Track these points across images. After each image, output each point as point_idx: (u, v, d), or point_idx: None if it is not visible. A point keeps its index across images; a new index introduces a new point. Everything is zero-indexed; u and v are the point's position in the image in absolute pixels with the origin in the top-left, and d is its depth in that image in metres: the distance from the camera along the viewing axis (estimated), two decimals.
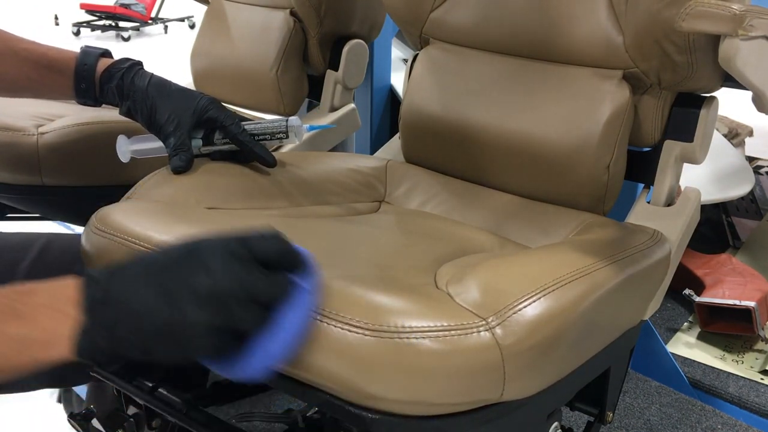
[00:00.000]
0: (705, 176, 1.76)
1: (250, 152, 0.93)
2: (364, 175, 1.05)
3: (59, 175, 1.21)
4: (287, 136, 0.95)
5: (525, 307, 0.63)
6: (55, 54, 0.95)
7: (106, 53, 0.95)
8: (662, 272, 0.88)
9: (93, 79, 0.93)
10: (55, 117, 1.28)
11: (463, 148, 1.04)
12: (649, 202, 0.97)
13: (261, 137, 0.95)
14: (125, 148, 0.96)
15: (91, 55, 0.94)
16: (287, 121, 0.94)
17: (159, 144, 0.93)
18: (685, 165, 0.97)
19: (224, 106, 0.93)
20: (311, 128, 1.01)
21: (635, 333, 0.89)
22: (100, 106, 0.96)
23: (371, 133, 1.79)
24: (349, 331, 0.59)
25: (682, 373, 1.45)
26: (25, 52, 0.94)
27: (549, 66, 0.98)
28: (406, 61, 1.19)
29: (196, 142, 0.93)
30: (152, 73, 0.93)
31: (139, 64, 0.94)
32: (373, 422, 0.61)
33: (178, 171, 0.89)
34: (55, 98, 1.00)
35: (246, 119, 0.97)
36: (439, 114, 1.06)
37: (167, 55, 6.44)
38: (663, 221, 0.93)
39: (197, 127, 0.92)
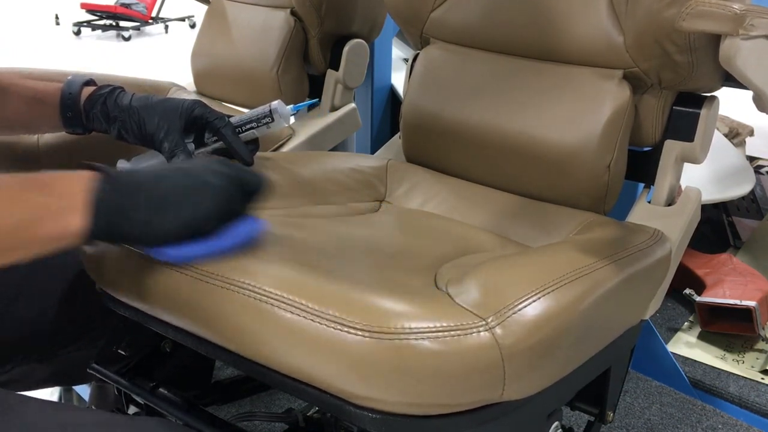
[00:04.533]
0: (705, 176, 1.76)
1: (231, 149, 0.93)
2: (364, 174, 1.05)
3: None
4: (273, 120, 0.95)
5: (525, 306, 0.63)
6: (42, 87, 0.96)
7: (90, 82, 0.96)
8: (663, 271, 0.88)
9: (78, 107, 0.94)
10: None
11: (464, 148, 1.04)
12: (649, 202, 0.97)
13: (248, 126, 0.95)
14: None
15: (74, 84, 0.95)
16: (270, 105, 0.95)
17: (161, 158, 0.93)
18: (686, 165, 0.97)
19: (208, 106, 0.93)
20: (295, 108, 1.01)
21: (636, 332, 0.89)
22: (89, 133, 0.96)
23: (371, 133, 1.79)
24: (349, 333, 0.59)
25: (682, 373, 1.45)
26: (14, 87, 0.95)
27: (549, 66, 0.98)
28: (407, 61, 1.19)
29: (189, 146, 0.93)
30: (133, 93, 0.94)
31: (120, 88, 0.95)
32: (374, 422, 0.61)
33: None
34: (46, 130, 1.01)
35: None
36: (440, 113, 1.06)
37: (168, 54, 6.44)
38: (663, 221, 0.92)
39: (187, 131, 0.92)
